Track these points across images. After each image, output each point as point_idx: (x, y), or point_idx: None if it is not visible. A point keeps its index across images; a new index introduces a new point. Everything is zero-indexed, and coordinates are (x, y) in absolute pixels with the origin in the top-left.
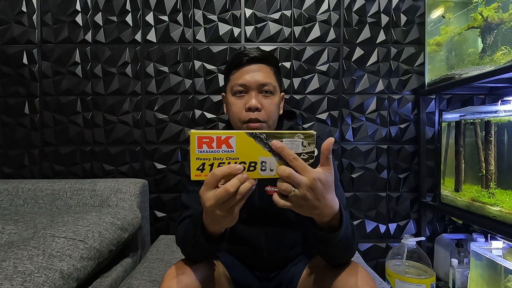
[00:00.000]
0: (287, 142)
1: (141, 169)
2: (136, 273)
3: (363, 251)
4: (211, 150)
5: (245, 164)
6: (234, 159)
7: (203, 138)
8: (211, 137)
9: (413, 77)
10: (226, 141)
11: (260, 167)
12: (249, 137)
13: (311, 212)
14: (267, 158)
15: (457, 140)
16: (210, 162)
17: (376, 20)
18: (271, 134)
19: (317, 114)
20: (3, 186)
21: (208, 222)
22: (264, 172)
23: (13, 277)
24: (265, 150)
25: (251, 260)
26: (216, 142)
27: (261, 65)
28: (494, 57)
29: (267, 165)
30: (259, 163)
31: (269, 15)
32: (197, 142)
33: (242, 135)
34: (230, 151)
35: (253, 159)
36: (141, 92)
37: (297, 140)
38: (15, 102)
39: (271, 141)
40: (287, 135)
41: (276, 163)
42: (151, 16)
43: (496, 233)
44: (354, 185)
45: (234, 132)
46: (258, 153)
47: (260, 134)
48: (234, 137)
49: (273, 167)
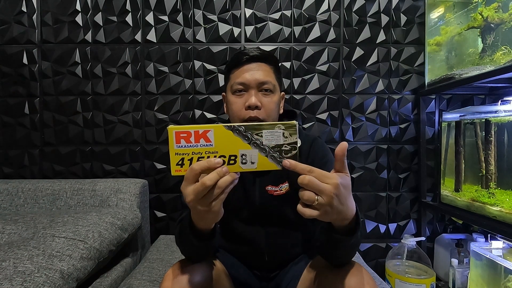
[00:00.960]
0: (267, 134)
1: (141, 169)
2: (136, 273)
3: (363, 251)
4: (189, 144)
5: (224, 157)
6: (213, 153)
7: (180, 133)
8: (189, 131)
9: (413, 77)
10: (204, 135)
11: (241, 160)
12: (228, 130)
13: (336, 217)
14: (247, 150)
15: (457, 140)
16: (189, 157)
17: (376, 20)
18: (250, 126)
19: (317, 114)
20: (3, 186)
21: (195, 218)
22: (245, 165)
23: (13, 277)
24: (245, 143)
25: (251, 260)
26: (194, 137)
27: (261, 63)
28: (494, 57)
29: (247, 157)
30: (239, 156)
31: (269, 15)
32: (175, 137)
33: (220, 128)
34: (209, 145)
35: (233, 152)
36: (141, 92)
37: (277, 131)
38: (15, 102)
39: (283, 162)
40: (267, 126)
41: (257, 155)
42: (151, 16)
43: (496, 233)
44: (354, 185)
45: (212, 125)
46: (237, 146)
47: (239, 127)
48: (212, 131)
49: (254, 159)
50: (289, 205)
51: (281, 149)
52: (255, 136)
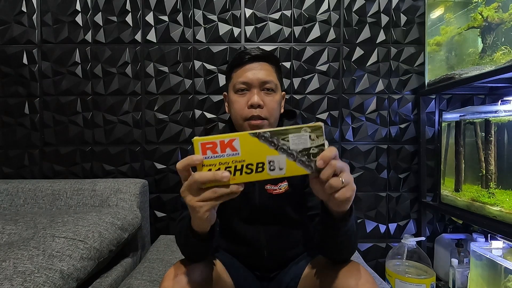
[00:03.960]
0: (293, 138)
1: (141, 169)
2: (136, 273)
3: (363, 251)
4: (216, 155)
5: (252, 165)
6: (240, 162)
7: (206, 144)
8: (214, 142)
9: (413, 77)
10: (230, 144)
11: (269, 167)
12: (253, 137)
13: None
14: (274, 157)
15: (457, 140)
16: (216, 167)
17: (376, 20)
18: (276, 131)
19: (317, 114)
20: (3, 186)
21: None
22: (273, 172)
23: (13, 277)
24: (271, 149)
25: (251, 260)
26: (220, 147)
27: (263, 63)
28: (494, 57)
29: (275, 164)
30: (267, 163)
31: (269, 15)
32: (201, 149)
33: (245, 136)
34: (235, 154)
35: (260, 159)
36: (141, 92)
37: (304, 135)
38: (15, 102)
39: (317, 162)
40: (293, 130)
41: (285, 161)
42: (151, 16)
43: (496, 233)
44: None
45: (237, 134)
46: (264, 153)
47: (264, 133)
48: (238, 139)
49: (282, 165)
50: (289, 204)
51: (309, 153)
52: (282, 141)
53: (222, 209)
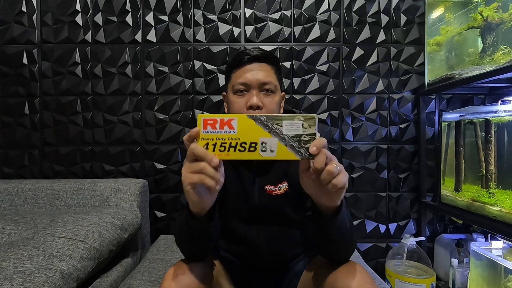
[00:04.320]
0: (287, 124)
1: (141, 169)
2: (136, 273)
3: (363, 251)
4: (214, 130)
5: (245, 144)
6: (235, 139)
7: (208, 120)
8: (215, 119)
9: (413, 77)
10: (228, 122)
11: (261, 148)
12: (250, 119)
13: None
14: (267, 139)
15: (457, 140)
16: (213, 142)
17: (376, 20)
18: (271, 116)
19: (317, 114)
20: (3, 186)
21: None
22: (264, 153)
23: (13, 277)
24: (265, 131)
25: (251, 260)
26: (219, 124)
27: (262, 64)
28: (494, 57)
29: (267, 145)
30: (259, 143)
31: (269, 15)
32: (203, 124)
33: (243, 117)
34: (232, 131)
35: (254, 139)
36: (141, 92)
37: (297, 122)
38: (15, 102)
39: (310, 148)
40: (287, 118)
41: (276, 144)
42: (151, 16)
43: (496, 233)
44: (354, 185)
45: (236, 114)
46: (258, 134)
47: (261, 117)
48: (236, 119)
49: (273, 148)
50: (288, 205)
51: (300, 139)
52: (275, 126)
53: (222, 209)
